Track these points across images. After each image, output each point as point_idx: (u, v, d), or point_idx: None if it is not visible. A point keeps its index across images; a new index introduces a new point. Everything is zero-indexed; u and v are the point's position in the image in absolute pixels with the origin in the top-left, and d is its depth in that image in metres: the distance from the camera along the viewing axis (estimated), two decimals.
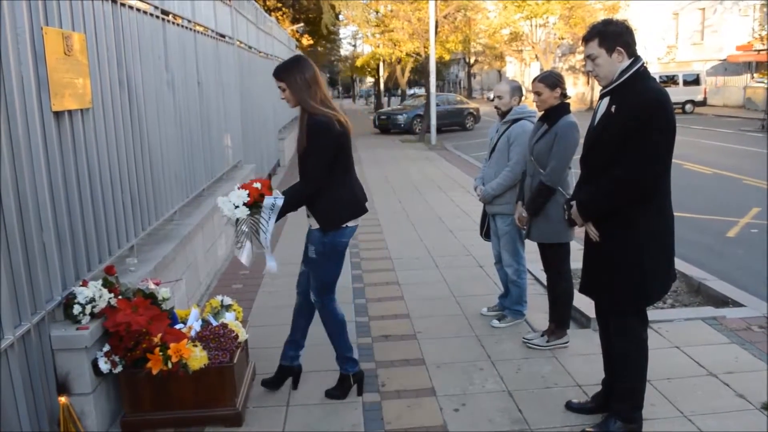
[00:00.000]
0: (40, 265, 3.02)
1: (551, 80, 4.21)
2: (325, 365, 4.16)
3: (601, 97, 3.20)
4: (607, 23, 3.10)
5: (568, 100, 4.29)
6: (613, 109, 3.04)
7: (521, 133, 4.60)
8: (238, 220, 3.43)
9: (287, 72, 3.59)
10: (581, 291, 3.56)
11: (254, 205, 3.43)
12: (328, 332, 3.83)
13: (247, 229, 3.47)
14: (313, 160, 3.50)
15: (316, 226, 3.64)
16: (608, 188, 3.06)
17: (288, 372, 3.95)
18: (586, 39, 3.11)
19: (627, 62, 3.03)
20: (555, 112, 4.19)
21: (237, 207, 3.39)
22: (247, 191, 3.41)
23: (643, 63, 3.04)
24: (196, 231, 5.52)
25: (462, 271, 6.26)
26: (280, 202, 3.42)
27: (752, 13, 33.31)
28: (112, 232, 3.91)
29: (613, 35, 3.03)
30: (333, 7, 30.27)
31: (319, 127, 3.48)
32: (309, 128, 3.48)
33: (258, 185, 3.48)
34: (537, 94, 4.23)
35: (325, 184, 3.53)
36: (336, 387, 3.83)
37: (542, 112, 4.28)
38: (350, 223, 3.66)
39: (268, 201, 3.41)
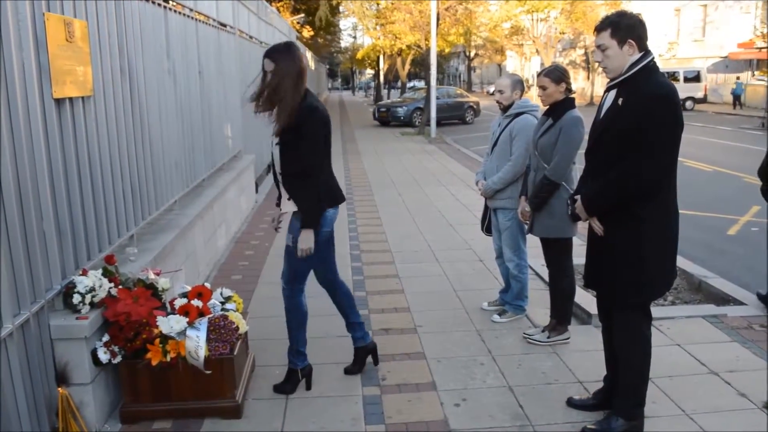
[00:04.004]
0: (39, 253, 3.00)
1: (556, 75, 4.17)
2: (326, 358, 4.15)
3: (608, 89, 3.17)
4: (621, 15, 3.06)
5: (572, 95, 4.26)
6: (620, 102, 3.01)
7: (524, 128, 4.57)
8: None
9: (283, 55, 3.45)
10: (585, 285, 3.55)
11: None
12: (290, 322, 3.79)
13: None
14: (309, 144, 3.45)
15: (294, 209, 3.59)
16: (614, 183, 3.04)
17: (363, 351, 4.00)
18: (598, 29, 3.07)
19: (637, 56, 3.00)
20: (560, 107, 4.16)
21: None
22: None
23: (653, 58, 3.01)
24: (196, 221, 5.50)
25: (462, 265, 6.24)
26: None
27: (754, 10, 33.25)
28: (112, 221, 3.88)
29: (626, 27, 2.99)
30: None
31: (310, 111, 3.44)
32: (304, 112, 3.42)
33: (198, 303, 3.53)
34: (542, 88, 4.20)
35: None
36: (285, 381, 3.80)
37: (547, 107, 4.25)
38: (330, 210, 3.64)
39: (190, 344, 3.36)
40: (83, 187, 3.49)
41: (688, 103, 31.17)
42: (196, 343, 3.33)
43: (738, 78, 33.54)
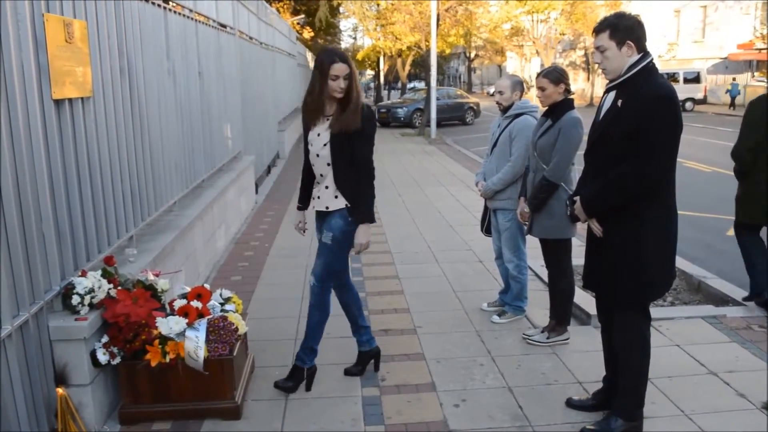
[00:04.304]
0: (38, 254, 2.99)
1: (555, 76, 4.18)
2: (326, 359, 4.15)
3: (607, 91, 3.17)
4: (620, 16, 3.06)
5: (571, 96, 4.26)
6: (619, 104, 3.01)
7: (523, 128, 4.57)
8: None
9: (351, 62, 3.62)
10: (584, 286, 3.55)
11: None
12: (311, 318, 3.79)
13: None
14: (370, 145, 3.64)
15: (340, 206, 3.63)
16: (613, 184, 3.04)
17: (368, 356, 4.02)
18: (597, 30, 3.07)
19: (636, 57, 3.00)
20: (559, 108, 4.16)
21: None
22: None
23: (652, 59, 3.01)
24: (196, 222, 5.50)
25: (462, 266, 6.24)
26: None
27: (754, 11, 33.26)
28: (112, 222, 3.88)
29: (624, 29, 2.99)
30: None
31: (372, 113, 3.65)
32: (366, 114, 3.58)
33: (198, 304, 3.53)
34: (541, 89, 4.20)
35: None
36: (287, 378, 3.81)
37: (546, 108, 4.25)
38: None
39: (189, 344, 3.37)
40: (82, 188, 3.48)
41: (688, 104, 31.17)
42: (196, 344, 3.33)
43: (734, 79, 33.58)
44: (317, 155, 3.64)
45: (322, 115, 3.63)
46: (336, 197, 3.65)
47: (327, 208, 3.68)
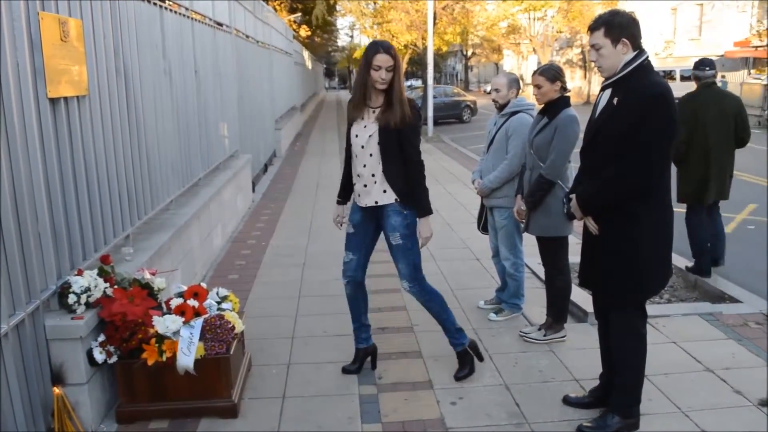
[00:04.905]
0: (34, 253, 2.99)
1: (551, 73, 4.18)
2: (323, 357, 4.15)
3: (603, 89, 3.17)
4: (614, 14, 3.06)
5: (567, 94, 4.26)
6: (615, 102, 3.02)
7: (519, 126, 4.57)
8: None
9: (396, 52, 3.63)
10: (580, 284, 3.56)
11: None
12: (433, 311, 3.85)
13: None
14: (419, 138, 3.71)
15: (390, 200, 3.63)
16: (609, 183, 3.04)
17: (365, 353, 4.01)
18: (592, 28, 3.07)
19: (631, 54, 3.00)
20: (555, 106, 4.17)
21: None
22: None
23: (647, 56, 3.02)
24: (192, 221, 5.49)
25: (459, 264, 6.24)
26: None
27: (750, 9, 33.30)
28: (108, 220, 3.87)
29: (619, 26, 2.99)
30: None
31: (417, 107, 3.65)
32: (414, 108, 3.60)
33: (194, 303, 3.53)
34: (537, 87, 4.20)
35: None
36: (461, 366, 3.87)
37: (542, 105, 4.25)
38: None
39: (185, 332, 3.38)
40: (78, 187, 3.48)
41: None
42: (189, 340, 3.32)
43: (723, 76, 33.70)
44: (362, 147, 3.64)
45: (368, 107, 3.63)
46: (385, 191, 3.65)
47: (376, 202, 3.68)
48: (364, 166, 3.66)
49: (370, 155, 3.62)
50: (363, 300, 3.96)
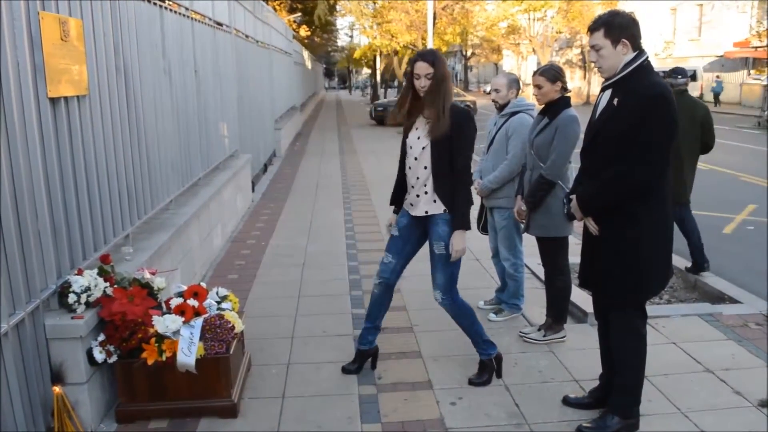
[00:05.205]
0: (34, 253, 2.99)
1: (552, 74, 4.18)
2: (322, 357, 4.15)
3: (603, 89, 3.17)
4: (614, 14, 3.06)
5: (568, 94, 4.26)
6: (615, 102, 3.02)
7: (520, 126, 4.57)
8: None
9: (440, 61, 3.57)
10: (580, 285, 3.56)
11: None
12: (463, 324, 3.82)
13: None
14: (468, 150, 3.62)
15: (439, 210, 3.62)
16: (609, 183, 3.04)
17: (367, 354, 4.00)
18: (592, 29, 3.07)
19: (631, 55, 3.00)
20: (555, 106, 4.17)
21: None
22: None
23: (647, 57, 3.02)
24: (192, 220, 5.49)
25: None
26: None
27: (750, 9, 33.31)
28: (108, 220, 3.87)
29: (619, 27, 2.99)
30: None
31: (467, 115, 3.60)
32: (461, 116, 3.55)
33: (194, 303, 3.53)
34: (537, 87, 4.20)
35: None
36: (479, 374, 3.85)
37: (542, 106, 4.25)
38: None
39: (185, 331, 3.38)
40: (78, 187, 3.48)
41: None
42: (190, 340, 3.32)
43: (718, 77, 33.79)
44: (415, 158, 3.63)
45: (416, 117, 3.63)
46: (434, 201, 3.64)
47: (426, 212, 3.67)
48: (418, 178, 3.66)
49: (425, 168, 3.62)
50: (387, 304, 3.94)
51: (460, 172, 3.58)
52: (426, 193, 3.65)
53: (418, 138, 3.62)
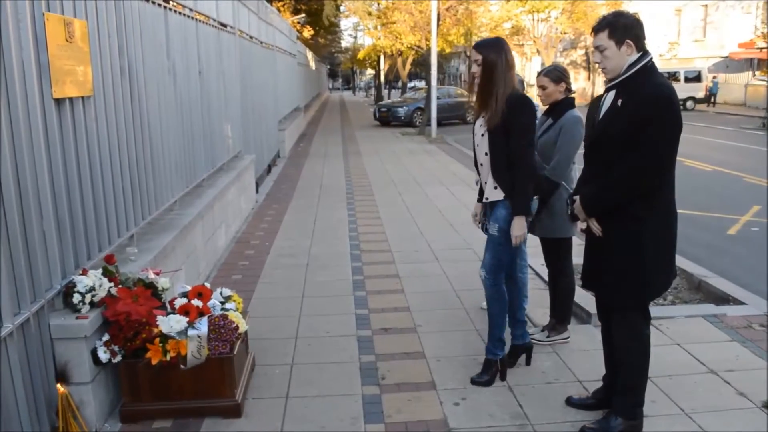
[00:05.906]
0: (39, 253, 3.00)
1: (556, 74, 4.18)
2: (326, 358, 4.15)
3: (607, 90, 3.17)
4: (618, 15, 3.06)
5: (572, 95, 4.26)
6: (619, 103, 3.02)
7: None
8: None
9: (490, 48, 3.61)
10: (583, 286, 3.55)
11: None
12: (492, 309, 3.82)
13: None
14: (526, 137, 3.60)
15: (500, 197, 3.66)
16: (613, 184, 3.04)
17: (522, 349, 4.04)
18: (596, 30, 3.07)
19: (635, 56, 3.00)
20: (559, 107, 4.17)
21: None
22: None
23: (651, 58, 3.01)
24: (196, 221, 5.50)
25: (462, 264, 6.24)
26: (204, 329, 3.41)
27: (755, 10, 33.24)
28: (112, 220, 3.88)
29: (623, 27, 2.99)
30: None
31: (523, 103, 3.59)
32: (516, 104, 3.55)
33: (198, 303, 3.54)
34: (542, 88, 4.20)
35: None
36: (482, 372, 3.85)
37: (547, 107, 4.25)
38: (534, 198, 3.75)
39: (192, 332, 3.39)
40: (83, 187, 3.49)
41: (689, 103, 31.17)
42: (199, 343, 3.33)
43: (714, 77, 33.75)
44: (477, 145, 3.73)
45: (481, 105, 3.67)
46: (495, 188, 3.68)
47: (487, 199, 3.73)
48: (482, 165, 3.74)
49: (485, 154, 3.68)
50: (516, 294, 3.96)
51: (516, 160, 3.59)
52: (490, 180, 3.69)
53: (480, 126, 3.69)
